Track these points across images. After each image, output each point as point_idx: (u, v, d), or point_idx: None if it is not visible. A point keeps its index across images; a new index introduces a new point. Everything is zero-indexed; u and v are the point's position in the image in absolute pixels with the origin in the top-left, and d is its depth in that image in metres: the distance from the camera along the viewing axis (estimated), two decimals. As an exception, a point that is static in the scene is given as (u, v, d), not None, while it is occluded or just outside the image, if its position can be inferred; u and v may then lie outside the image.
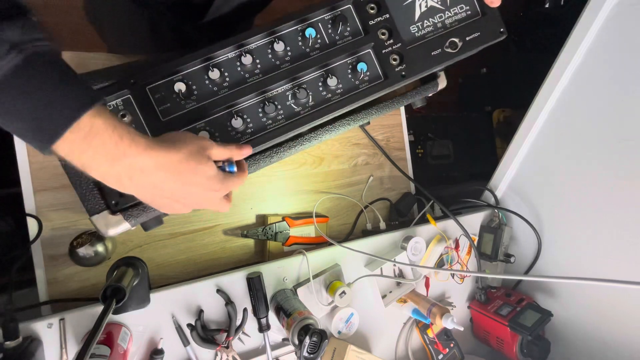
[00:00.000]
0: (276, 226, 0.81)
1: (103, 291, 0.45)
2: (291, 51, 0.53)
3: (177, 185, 0.40)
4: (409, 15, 0.56)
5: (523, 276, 0.49)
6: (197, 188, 0.42)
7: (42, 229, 0.62)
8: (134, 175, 0.37)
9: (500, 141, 1.67)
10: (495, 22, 0.59)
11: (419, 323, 0.89)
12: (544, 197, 0.96)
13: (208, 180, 0.43)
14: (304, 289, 0.72)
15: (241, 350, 0.68)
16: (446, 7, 0.57)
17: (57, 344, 0.55)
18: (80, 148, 0.33)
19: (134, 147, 0.36)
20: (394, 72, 0.56)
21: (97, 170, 0.36)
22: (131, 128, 0.37)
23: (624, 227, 0.80)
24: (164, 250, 0.74)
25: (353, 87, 0.56)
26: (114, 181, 0.37)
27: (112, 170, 0.36)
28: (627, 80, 0.79)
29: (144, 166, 0.37)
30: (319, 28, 0.54)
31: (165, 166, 0.39)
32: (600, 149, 0.84)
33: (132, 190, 0.39)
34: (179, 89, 0.50)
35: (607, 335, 0.86)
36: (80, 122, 0.32)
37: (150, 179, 0.38)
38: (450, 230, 0.92)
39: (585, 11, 0.83)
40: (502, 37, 0.59)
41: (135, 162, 0.37)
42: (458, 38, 0.57)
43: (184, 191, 0.41)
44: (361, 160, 0.97)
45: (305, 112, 0.54)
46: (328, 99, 0.55)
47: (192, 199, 0.43)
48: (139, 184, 0.38)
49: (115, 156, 0.35)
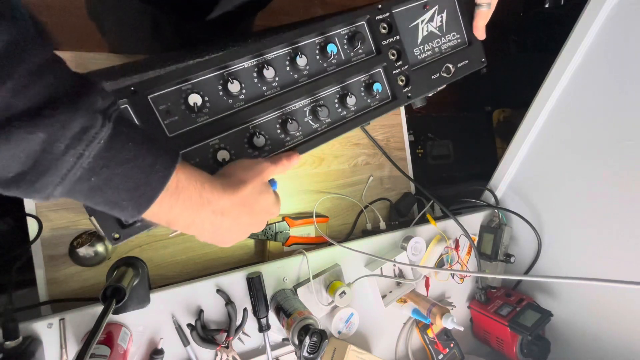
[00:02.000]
0: (276, 226, 0.81)
1: (103, 291, 0.45)
2: (309, 65, 0.52)
3: (250, 218, 0.41)
4: (413, 39, 0.59)
5: (523, 276, 0.49)
6: (264, 215, 0.44)
7: (42, 229, 0.62)
8: (216, 219, 0.38)
9: (500, 141, 1.67)
10: (479, 52, 0.64)
11: (419, 323, 0.89)
12: (544, 197, 0.96)
13: (272, 206, 0.44)
14: (304, 289, 0.72)
15: (241, 350, 0.68)
16: (442, 34, 0.61)
17: (57, 344, 0.55)
18: (169, 205, 0.33)
19: (215, 193, 0.37)
20: (402, 93, 0.57)
21: (182, 223, 0.36)
22: (203, 172, 0.37)
23: (624, 227, 0.80)
24: (164, 250, 0.74)
25: (366, 106, 0.56)
26: (196, 230, 0.37)
27: (197, 219, 0.36)
28: (627, 80, 0.79)
29: (224, 208, 0.38)
30: (337, 43, 0.53)
31: (241, 203, 0.40)
32: (600, 149, 0.84)
33: (210, 235, 0.39)
34: (193, 101, 0.45)
35: (607, 335, 0.86)
36: (170, 181, 0.32)
37: (229, 219, 0.39)
38: (450, 230, 0.92)
39: (585, 11, 0.83)
40: (484, 65, 0.65)
41: (217, 207, 0.37)
42: (451, 64, 0.61)
43: (254, 220, 0.42)
44: (361, 160, 0.97)
45: (323, 130, 0.54)
46: (343, 117, 0.55)
47: (256, 227, 0.44)
48: (220, 226, 0.39)
49: (200, 205, 0.36)
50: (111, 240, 0.41)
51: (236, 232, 0.42)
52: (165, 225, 0.35)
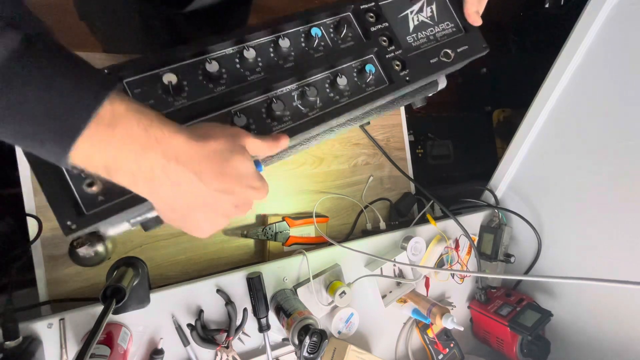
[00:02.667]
0: (276, 226, 0.81)
1: (103, 291, 0.45)
2: (294, 50, 0.52)
3: (221, 182, 0.33)
4: (405, 27, 0.58)
5: (523, 276, 0.49)
6: (241, 185, 0.35)
7: (42, 229, 0.62)
8: (170, 168, 0.30)
9: (500, 141, 1.67)
10: (478, 38, 0.63)
11: (419, 323, 0.89)
12: (544, 197, 0.96)
13: (251, 176, 0.36)
14: (304, 289, 0.72)
15: (241, 350, 0.68)
16: (435, 23, 0.60)
17: (57, 344, 0.55)
18: (102, 141, 0.27)
19: (167, 132, 0.30)
20: (399, 77, 0.56)
21: (125, 170, 0.29)
22: (156, 110, 0.31)
23: (624, 227, 0.80)
24: (164, 250, 0.74)
25: (360, 90, 0.55)
26: (144, 181, 0.30)
27: (144, 163, 0.29)
28: (627, 80, 0.79)
29: (180, 152, 0.30)
30: (322, 29, 0.53)
31: (206, 156, 0.32)
32: (600, 148, 0.84)
33: (171, 201, 0.33)
34: (168, 80, 0.42)
35: (607, 335, 0.86)
36: (101, 110, 0.26)
37: (189, 173, 0.31)
38: (450, 230, 0.92)
39: (585, 11, 0.83)
40: (486, 51, 0.63)
41: (170, 149, 0.30)
42: (450, 50, 0.59)
43: (227, 187, 0.34)
44: (361, 160, 0.97)
45: (314, 114, 0.52)
46: (336, 101, 0.53)
47: (232, 200, 0.35)
48: (179, 183, 0.31)
49: (147, 144, 0.29)
50: (65, 229, 0.36)
51: (207, 204, 0.34)
52: (106, 176, 0.29)
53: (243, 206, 0.37)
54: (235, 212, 0.37)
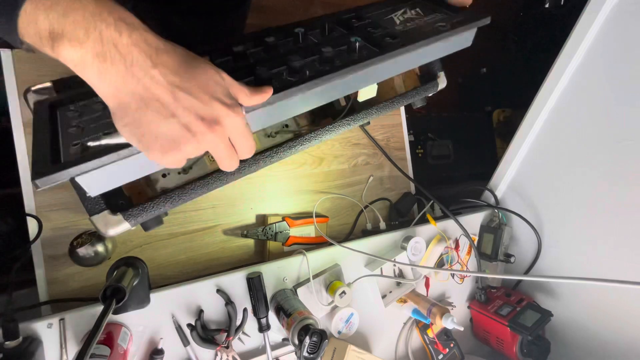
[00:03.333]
0: (276, 226, 0.81)
1: (103, 291, 0.45)
2: (281, 47, 0.53)
3: (174, 76, 0.29)
4: (391, 23, 0.59)
5: (523, 276, 0.49)
6: (201, 91, 0.30)
7: (42, 229, 0.62)
8: (121, 41, 0.27)
9: (500, 141, 1.67)
10: (471, 13, 0.59)
11: (419, 323, 0.89)
12: (544, 197, 0.96)
13: (218, 82, 0.32)
14: (304, 289, 0.72)
15: (241, 350, 0.68)
16: (420, 17, 0.60)
17: (57, 344, 0.55)
18: (47, 2, 0.25)
19: (123, 11, 0.27)
20: (390, 44, 0.53)
21: (71, 35, 0.26)
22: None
23: (624, 227, 0.80)
24: (164, 250, 0.74)
25: (350, 61, 0.51)
26: (93, 56, 0.26)
27: (92, 31, 0.26)
28: (627, 80, 0.79)
29: (135, 24, 0.28)
30: (305, 32, 0.55)
31: (164, 48, 0.29)
32: (600, 148, 0.84)
33: (117, 77, 0.27)
34: None
35: (607, 335, 0.86)
36: None
37: (140, 55, 0.27)
38: (450, 230, 0.92)
39: (585, 11, 0.83)
40: (487, 18, 0.58)
41: (126, 17, 0.27)
42: (444, 23, 0.57)
43: (182, 85, 0.29)
44: (361, 160, 0.97)
45: (298, 79, 0.48)
46: (325, 71, 0.49)
47: (192, 105, 0.30)
48: (129, 59, 0.27)
49: (96, 10, 0.26)
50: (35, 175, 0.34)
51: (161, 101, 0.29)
52: (53, 53, 0.26)
53: (210, 123, 0.31)
54: (200, 128, 0.31)
